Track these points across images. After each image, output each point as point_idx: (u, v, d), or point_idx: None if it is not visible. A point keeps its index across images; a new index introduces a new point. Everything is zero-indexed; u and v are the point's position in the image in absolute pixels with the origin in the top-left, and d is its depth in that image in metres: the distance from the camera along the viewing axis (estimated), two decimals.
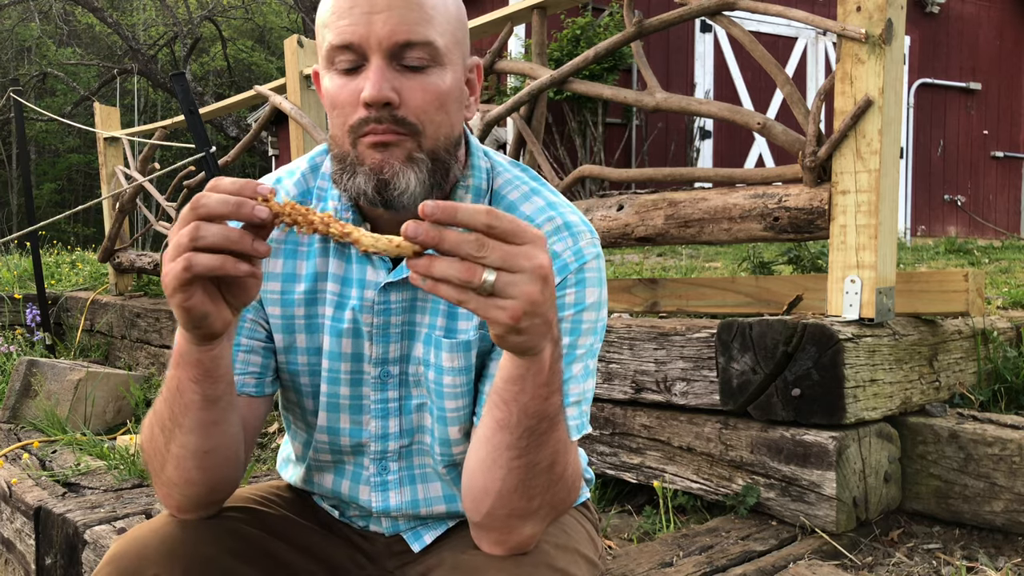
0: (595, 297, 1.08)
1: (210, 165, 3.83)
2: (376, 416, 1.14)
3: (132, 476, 2.51)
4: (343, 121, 1.02)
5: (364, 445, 1.16)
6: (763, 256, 3.27)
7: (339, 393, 1.14)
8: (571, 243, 1.08)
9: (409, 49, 0.99)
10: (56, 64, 21.41)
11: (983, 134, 9.93)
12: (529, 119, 2.91)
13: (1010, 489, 1.79)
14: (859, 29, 1.88)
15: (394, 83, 0.99)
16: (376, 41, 0.98)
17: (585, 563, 1.09)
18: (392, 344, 1.11)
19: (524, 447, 0.92)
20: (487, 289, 0.77)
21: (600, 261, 1.11)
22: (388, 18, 0.98)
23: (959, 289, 2.01)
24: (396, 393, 1.13)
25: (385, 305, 1.10)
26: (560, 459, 0.95)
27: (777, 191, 2.11)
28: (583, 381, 1.08)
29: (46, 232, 10.84)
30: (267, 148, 15.33)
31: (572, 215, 1.11)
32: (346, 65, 1.01)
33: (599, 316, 1.10)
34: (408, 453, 1.16)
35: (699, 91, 8.16)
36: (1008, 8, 10.04)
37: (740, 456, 1.95)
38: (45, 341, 4.98)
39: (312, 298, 1.13)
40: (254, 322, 1.14)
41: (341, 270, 1.12)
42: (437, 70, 1.02)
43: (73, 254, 9.06)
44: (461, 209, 0.76)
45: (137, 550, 1.01)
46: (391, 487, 1.16)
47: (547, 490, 0.96)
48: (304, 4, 15.49)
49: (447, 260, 0.76)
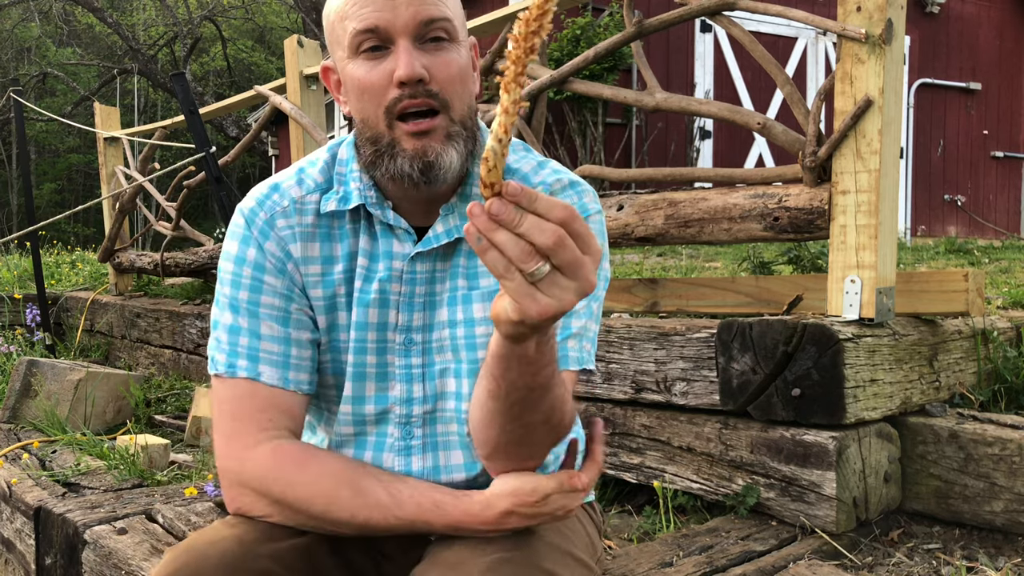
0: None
1: (210, 165, 3.83)
2: (402, 380, 1.16)
3: (132, 476, 2.51)
4: (377, 103, 1.08)
5: (389, 411, 1.17)
6: (763, 256, 3.27)
7: (366, 362, 1.16)
8: (576, 199, 1.17)
9: (431, 26, 1.07)
10: (56, 64, 21.41)
11: (983, 134, 9.92)
12: (529, 119, 2.91)
13: (1010, 489, 1.79)
14: (859, 29, 1.88)
15: (422, 60, 1.06)
16: (403, 23, 1.05)
17: (577, 565, 1.09)
18: (416, 313, 1.16)
19: (517, 412, 0.95)
20: (535, 277, 0.78)
21: (602, 216, 1.20)
22: (410, 1, 1.06)
23: (959, 289, 2.01)
24: (420, 360, 1.16)
25: (412, 275, 1.15)
26: (556, 412, 0.98)
27: (777, 191, 2.11)
28: (585, 318, 1.14)
29: (46, 232, 10.84)
30: (267, 148, 15.33)
31: (575, 177, 1.21)
32: (372, 45, 1.07)
33: (600, 265, 1.16)
34: (432, 419, 1.17)
35: (699, 91, 8.16)
36: (1008, 8, 10.04)
37: (740, 456, 1.95)
38: (45, 341, 4.98)
39: (350, 277, 1.16)
40: (299, 312, 1.15)
41: (369, 245, 1.16)
42: (454, 46, 1.09)
43: (73, 254, 9.07)
44: (541, 199, 0.78)
45: (196, 564, 1.01)
46: (414, 452, 1.17)
47: (545, 437, 1.01)
48: (304, 4, 15.50)
49: (511, 235, 0.77)
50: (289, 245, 1.15)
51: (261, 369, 1.11)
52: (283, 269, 1.14)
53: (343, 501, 1.05)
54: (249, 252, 1.14)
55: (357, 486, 1.06)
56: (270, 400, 1.11)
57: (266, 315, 1.13)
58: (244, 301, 1.13)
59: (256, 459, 1.08)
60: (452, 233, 1.14)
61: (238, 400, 1.11)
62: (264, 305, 1.13)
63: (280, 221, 1.15)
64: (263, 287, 1.14)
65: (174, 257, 4.77)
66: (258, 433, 1.10)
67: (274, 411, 1.11)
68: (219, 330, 1.14)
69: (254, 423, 1.10)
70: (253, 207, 1.16)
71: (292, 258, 1.15)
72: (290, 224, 1.15)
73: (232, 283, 1.14)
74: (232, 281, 1.14)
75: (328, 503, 1.05)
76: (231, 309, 1.13)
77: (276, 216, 1.15)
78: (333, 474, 1.07)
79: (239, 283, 1.14)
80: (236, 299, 1.13)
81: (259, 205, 1.16)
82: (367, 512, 1.05)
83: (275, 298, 1.14)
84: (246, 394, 1.11)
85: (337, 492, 1.05)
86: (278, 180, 1.19)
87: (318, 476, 1.06)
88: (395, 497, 1.05)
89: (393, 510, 1.05)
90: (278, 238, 1.14)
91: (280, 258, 1.14)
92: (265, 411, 1.11)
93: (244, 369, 1.11)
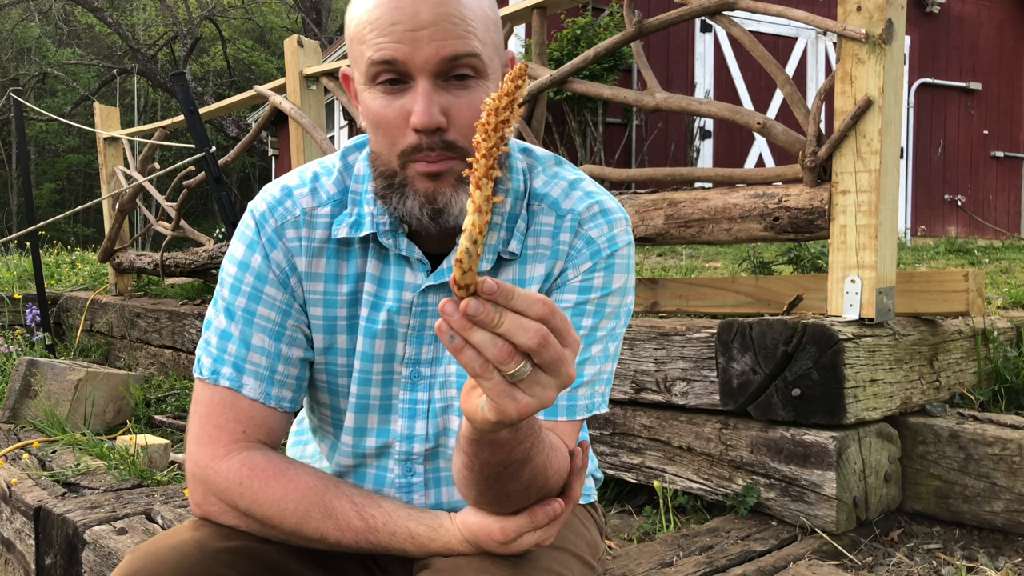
0: (621, 283, 1.11)
1: (210, 165, 3.83)
2: (404, 416, 1.13)
3: (132, 476, 2.51)
4: (391, 142, 1.02)
5: (389, 446, 1.14)
6: (763, 256, 3.27)
7: (369, 394, 1.13)
8: (606, 230, 1.11)
9: (456, 62, 0.99)
10: (56, 64, 21.41)
11: (983, 134, 9.92)
12: (529, 119, 2.91)
13: (1010, 489, 1.79)
14: (859, 29, 1.88)
15: (441, 103, 0.99)
16: (423, 60, 0.98)
17: (578, 564, 1.09)
18: (426, 346, 1.12)
19: (493, 483, 0.92)
20: (516, 377, 0.75)
21: (631, 248, 1.13)
22: (433, 34, 0.97)
23: (959, 289, 2.01)
24: (426, 395, 1.13)
25: (423, 307, 1.10)
26: (539, 478, 0.94)
27: (777, 191, 2.11)
28: (601, 363, 1.09)
29: (46, 232, 10.85)
30: (267, 148, 15.33)
31: (610, 202, 1.13)
32: (389, 78, 1.00)
33: (623, 301, 1.12)
34: (434, 455, 1.15)
35: (699, 91, 8.16)
36: (1008, 8, 10.04)
37: (740, 456, 1.95)
38: (45, 341, 4.98)
39: (354, 299, 1.12)
40: (295, 328, 1.11)
41: (378, 271, 1.11)
42: (481, 83, 1.01)
43: (73, 254, 9.07)
44: (518, 295, 0.74)
45: (149, 570, 0.98)
46: (416, 489, 1.15)
47: (529, 499, 0.96)
48: (304, 4, 15.50)
49: (490, 335, 0.73)
50: (296, 258, 1.11)
51: (244, 381, 1.08)
52: (286, 282, 1.11)
53: (313, 522, 1.02)
54: (254, 259, 1.11)
55: (328, 507, 1.02)
56: (248, 413, 1.08)
57: (260, 327, 1.09)
58: (240, 308, 1.10)
59: (223, 470, 1.05)
60: None
61: (216, 407, 1.08)
62: (260, 316, 1.10)
63: (290, 231, 1.11)
64: (262, 297, 1.10)
65: (174, 257, 4.78)
66: (230, 443, 1.07)
67: (249, 424, 1.08)
68: (210, 331, 1.11)
69: (227, 433, 1.07)
70: (264, 212, 1.12)
71: (297, 272, 1.11)
72: (299, 236, 1.11)
73: (232, 287, 1.11)
74: (232, 285, 1.11)
75: (298, 522, 1.02)
76: (226, 313, 1.10)
77: (287, 226, 1.11)
78: (302, 493, 1.03)
79: (239, 289, 1.10)
80: (233, 304, 1.10)
81: (271, 211, 1.12)
82: (338, 535, 1.02)
83: (272, 311, 1.10)
84: (225, 403, 1.08)
85: (307, 512, 1.02)
86: (291, 184, 1.14)
87: (286, 493, 1.03)
88: (368, 523, 1.02)
89: (366, 535, 1.02)
90: (285, 249, 1.11)
91: (285, 270, 1.11)
92: (241, 423, 1.08)
93: (227, 378, 1.08)
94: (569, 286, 1.09)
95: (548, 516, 0.97)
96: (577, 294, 1.09)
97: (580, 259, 1.10)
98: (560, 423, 1.06)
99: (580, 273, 1.09)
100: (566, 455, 1.00)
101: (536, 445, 0.90)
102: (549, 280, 1.11)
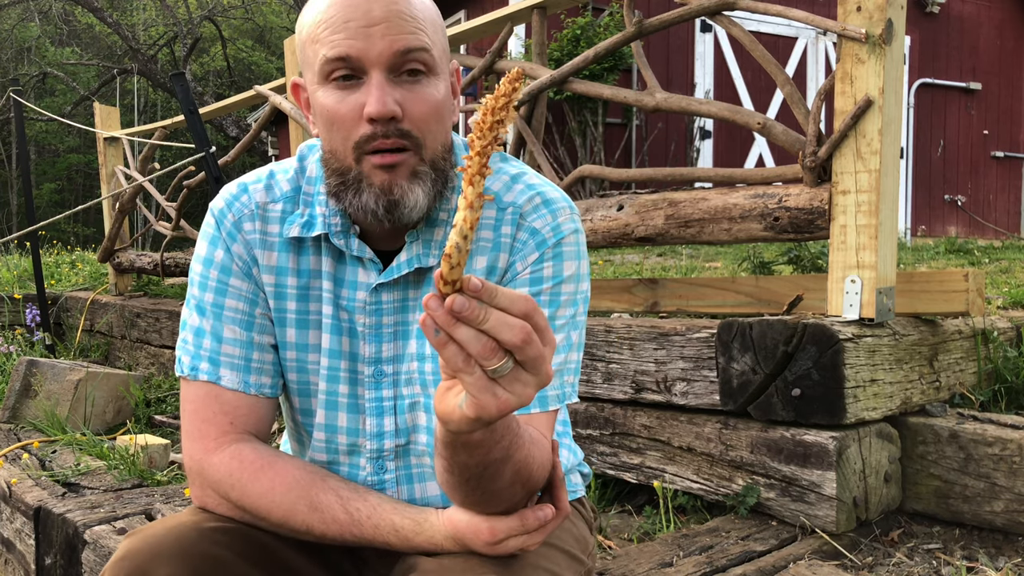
0: (573, 270, 1.11)
1: (210, 165, 3.83)
2: (371, 414, 1.15)
3: (132, 476, 2.51)
4: (345, 136, 1.04)
5: (360, 445, 1.16)
6: (763, 256, 3.27)
7: (338, 391, 1.15)
8: (550, 219, 1.11)
9: (407, 56, 1.02)
10: (56, 64, 21.40)
11: (983, 134, 9.92)
12: (529, 119, 2.91)
13: (1010, 489, 1.79)
14: (859, 29, 1.88)
15: (395, 95, 1.02)
16: (376, 54, 1.01)
17: (566, 559, 1.09)
18: (385, 344, 1.13)
19: (475, 484, 0.93)
20: (498, 373, 0.75)
21: (579, 236, 1.14)
22: (386, 30, 1.01)
23: (959, 289, 2.01)
24: (391, 392, 1.15)
25: (377, 305, 1.13)
26: (523, 472, 0.94)
27: (777, 191, 2.11)
28: (565, 352, 1.10)
29: (46, 232, 10.84)
30: (267, 148, 15.34)
31: (553, 192, 1.14)
32: (343, 74, 1.02)
33: (578, 288, 1.12)
34: (405, 452, 1.16)
35: (699, 91, 8.16)
36: (1008, 8, 10.04)
37: (740, 456, 1.95)
38: (45, 341, 4.98)
39: (305, 294, 1.14)
40: (263, 316, 1.14)
41: (334, 269, 1.14)
42: (432, 80, 1.05)
43: (73, 254, 9.06)
44: (502, 292, 0.75)
45: (150, 547, 1.00)
46: (388, 486, 1.17)
47: (515, 495, 0.97)
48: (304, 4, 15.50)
49: (474, 331, 0.74)
50: (255, 250, 1.14)
51: (222, 373, 1.11)
52: (249, 272, 1.14)
53: (299, 515, 1.05)
54: (217, 254, 1.14)
55: (314, 501, 1.05)
56: (232, 404, 1.11)
57: (229, 319, 1.12)
58: (209, 303, 1.13)
59: (216, 463, 1.09)
60: (413, 263, 1.11)
61: (201, 402, 1.11)
62: (228, 308, 1.13)
63: (247, 224, 1.14)
64: (228, 290, 1.13)
65: (174, 257, 4.78)
66: (219, 436, 1.10)
67: (236, 415, 1.11)
68: (186, 331, 1.14)
69: (215, 426, 1.10)
70: (223, 208, 1.16)
71: (257, 263, 1.14)
72: (255, 229, 1.14)
73: (200, 284, 1.14)
74: (200, 283, 1.14)
75: (285, 514, 1.05)
76: (197, 310, 1.13)
77: (243, 219, 1.14)
78: (289, 486, 1.06)
79: (206, 285, 1.14)
80: (203, 301, 1.13)
81: (228, 206, 1.15)
82: (323, 528, 1.05)
83: (240, 302, 1.13)
84: (208, 397, 1.11)
85: (293, 505, 1.05)
86: (247, 181, 1.18)
87: (273, 486, 1.06)
88: (352, 516, 1.04)
89: (351, 528, 1.04)
90: (245, 241, 1.14)
91: (247, 261, 1.14)
92: (227, 414, 1.11)
93: (205, 372, 1.11)
94: (519, 279, 1.10)
95: (539, 521, 0.98)
96: (529, 286, 1.10)
97: (526, 251, 1.10)
98: (535, 415, 1.07)
99: (528, 265, 1.10)
100: (547, 447, 1.01)
101: (515, 442, 0.91)
102: (493, 274, 1.12)
